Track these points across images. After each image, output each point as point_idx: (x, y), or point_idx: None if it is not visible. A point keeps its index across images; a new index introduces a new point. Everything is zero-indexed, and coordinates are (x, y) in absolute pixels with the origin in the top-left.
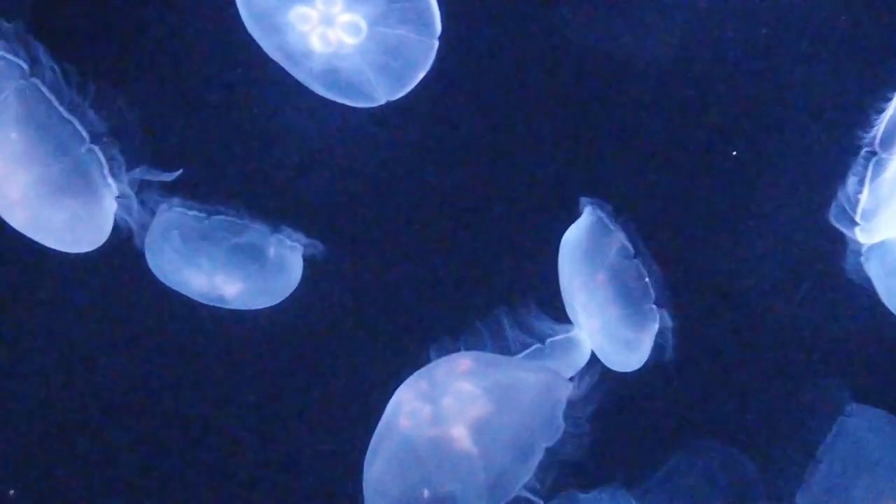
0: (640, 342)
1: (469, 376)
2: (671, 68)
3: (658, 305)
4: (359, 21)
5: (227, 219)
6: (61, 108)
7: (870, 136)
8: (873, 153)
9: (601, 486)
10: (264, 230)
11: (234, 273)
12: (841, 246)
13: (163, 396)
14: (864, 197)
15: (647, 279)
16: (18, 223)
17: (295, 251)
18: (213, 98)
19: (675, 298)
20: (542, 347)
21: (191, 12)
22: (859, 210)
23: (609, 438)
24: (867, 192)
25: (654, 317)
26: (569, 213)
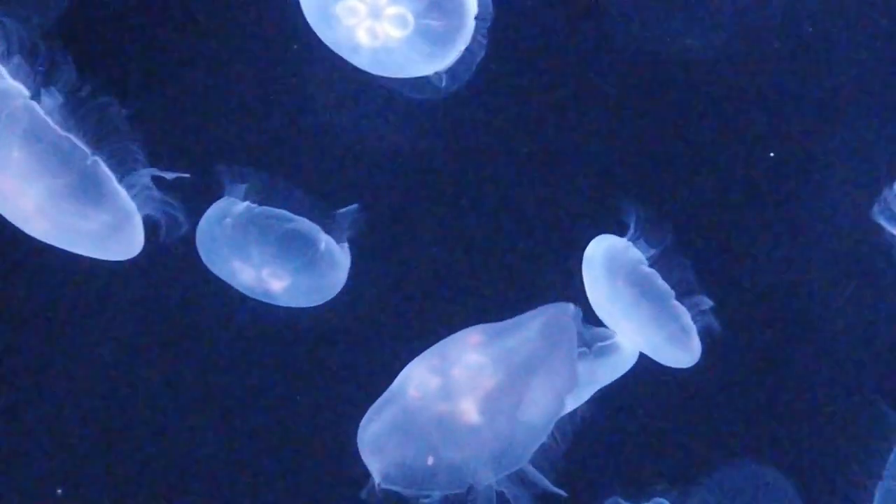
0: (679, 337)
1: (478, 348)
2: (713, 66)
3: (684, 300)
4: (405, 13)
5: (280, 211)
6: (55, 126)
7: None
8: None
9: (642, 496)
10: (316, 226)
11: (282, 266)
12: (886, 244)
13: (206, 396)
14: None
15: (659, 278)
16: (39, 232)
17: (344, 251)
18: (269, 90)
19: (718, 301)
20: (587, 352)
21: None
22: None
23: (651, 448)
24: None
25: (681, 311)
26: (611, 213)
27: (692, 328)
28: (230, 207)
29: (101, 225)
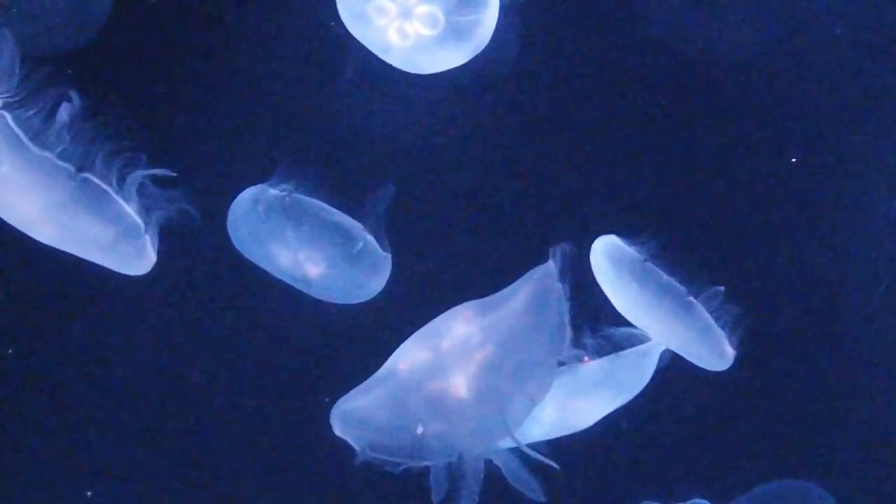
0: (705, 336)
1: (467, 321)
2: (745, 67)
3: (698, 295)
4: (436, 12)
5: (318, 202)
6: (33, 146)
7: None
8: None
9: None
10: (358, 224)
11: (318, 252)
12: None
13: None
14: None
15: (667, 276)
16: (46, 237)
17: (386, 257)
18: (305, 86)
19: (748, 306)
20: (617, 355)
21: None
22: None
23: (690, 453)
24: None
25: (699, 308)
26: (633, 213)
27: (721, 333)
28: (265, 192)
29: (108, 235)
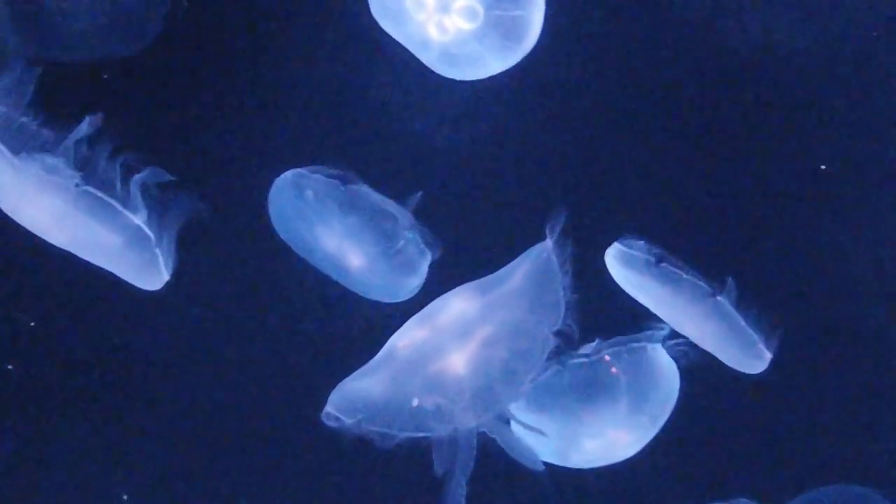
0: (734, 336)
1: (466, 299)
2: (780, 66)
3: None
4: (474, 5)
5: (363, 191)
6: (14, 158)
7: None
8: None
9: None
10: (402, 222)
11: (361, 242)
12: None
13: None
14: None
15: (685, 275)
16: (60, 242)
17: (424, 256)
18: (338, 82)
19: (783, 312)
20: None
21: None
22: None
23: (732, 457)
24: None
25: (725, 306)
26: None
27: (754, 336)
28: (314, 177)
29: (115, 245)
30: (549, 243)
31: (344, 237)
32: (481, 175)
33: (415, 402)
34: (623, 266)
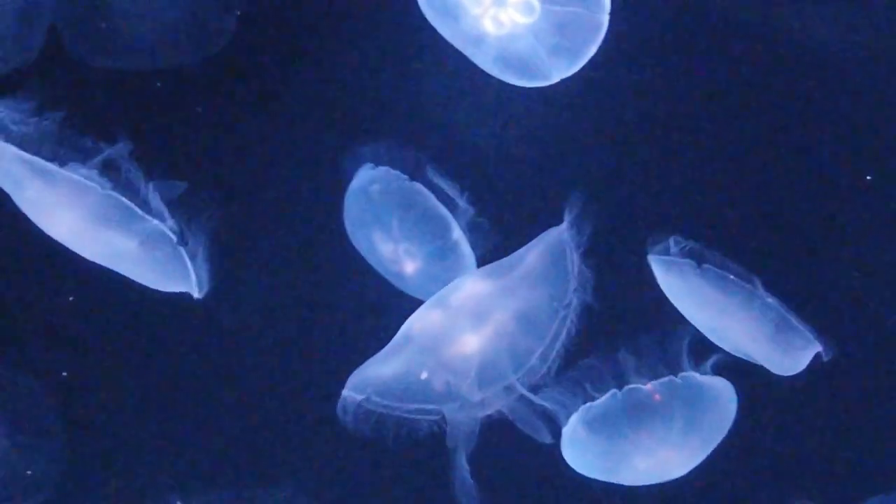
0: (779, 336)
1: (478, 281)
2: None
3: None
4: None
5: (424, 189)
6: (52, 165)
7: None
8: None
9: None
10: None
11: (418, 245)
12: None
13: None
14: None
15: (733, 277)
16: (91, 254)
17: (471, 255)
18: (393, 85)
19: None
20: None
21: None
22: None
23: (787, 471)
24: None
25: (771, 306)
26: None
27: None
28: (380, 175)
29: (140, 248)
30: (564, 227)
31: (402, 240)
32: (528, 176)
33: (423, 375)
34: (668, 273)
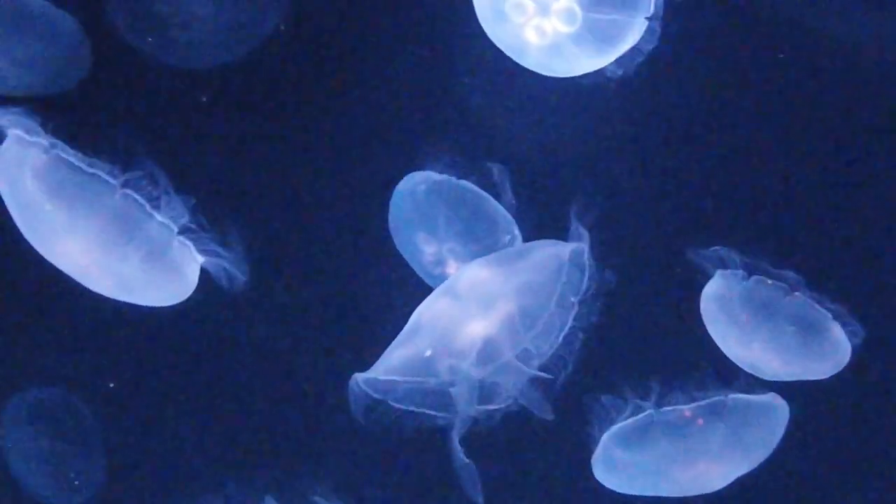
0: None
1: (483, 268)
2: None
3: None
4: (573, 7)
5: (477, 189)
6: (83, 164)
7: None
8: None
9: None
10: (509, 218)
11: (464, 246)
12: None
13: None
14: None
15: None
16: (104, 288)
17: None
18: (443, 88)
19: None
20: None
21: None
22: None
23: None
24: None
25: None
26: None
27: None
28: (426, 175)
29: (144, 264)
30: (571, 248)
31: (447, 241)
32: (569, 178)
33: (428, 353)
34: (713, 306)
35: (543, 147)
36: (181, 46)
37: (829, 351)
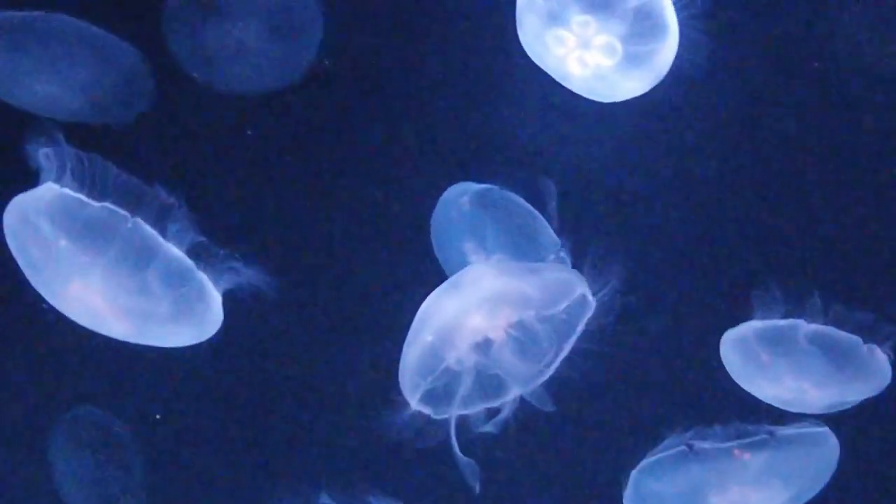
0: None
1: (493, 269)
2: None
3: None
4: (613, 41)
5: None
6: (89, 199)
7: None
8: None
9: None
10: (556, 238)
11: (511, 257)
12: None
13: None
14: None
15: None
16: (119, 333)
17: None
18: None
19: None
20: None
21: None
22: None
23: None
24: None
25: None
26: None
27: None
28: (470, 187)
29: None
30: (580, 289)
31: (495, 251)
32: (622, 202)
33: (428, 339)
34: (736, 357)
35: (585, 170)
36: (231, 75)
37: (864, 367)
